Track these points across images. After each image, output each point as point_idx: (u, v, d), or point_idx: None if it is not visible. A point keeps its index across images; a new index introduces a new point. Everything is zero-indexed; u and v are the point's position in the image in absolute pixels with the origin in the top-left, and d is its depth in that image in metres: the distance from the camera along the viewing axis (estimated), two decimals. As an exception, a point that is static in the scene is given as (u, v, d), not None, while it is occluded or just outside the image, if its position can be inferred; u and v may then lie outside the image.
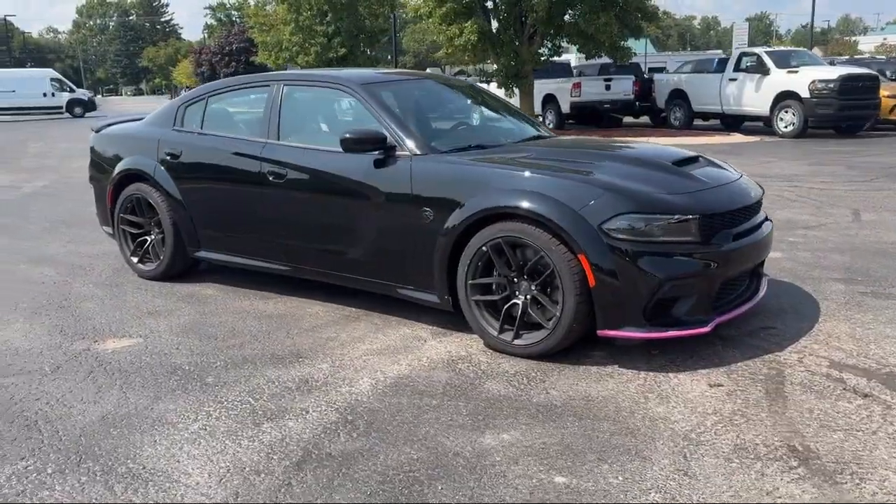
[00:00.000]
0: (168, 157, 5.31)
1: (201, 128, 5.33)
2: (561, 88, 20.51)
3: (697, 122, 19.89)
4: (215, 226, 5.20)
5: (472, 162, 4.15)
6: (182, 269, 5.56)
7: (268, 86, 5.05)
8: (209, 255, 5.32)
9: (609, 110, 20.89)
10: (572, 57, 27.19)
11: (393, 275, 4.37)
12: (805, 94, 16.26)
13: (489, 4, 19.20)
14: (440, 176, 4.12)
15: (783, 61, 17.50)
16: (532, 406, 3.31)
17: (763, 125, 18.18)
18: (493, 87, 22.31)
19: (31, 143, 20.27)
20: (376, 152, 4.30)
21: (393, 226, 4.26)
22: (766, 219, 4.32)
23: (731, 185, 4.12)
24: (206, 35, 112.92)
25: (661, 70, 25.30)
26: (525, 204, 3.71)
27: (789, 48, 23.84)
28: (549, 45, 19.84)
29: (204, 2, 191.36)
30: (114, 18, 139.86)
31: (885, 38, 76.17)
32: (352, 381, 3.65)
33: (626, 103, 21.00)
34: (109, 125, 6.07)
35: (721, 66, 18.95)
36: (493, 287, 3.95)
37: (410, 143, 4.29)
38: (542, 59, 19.63)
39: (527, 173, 3.90)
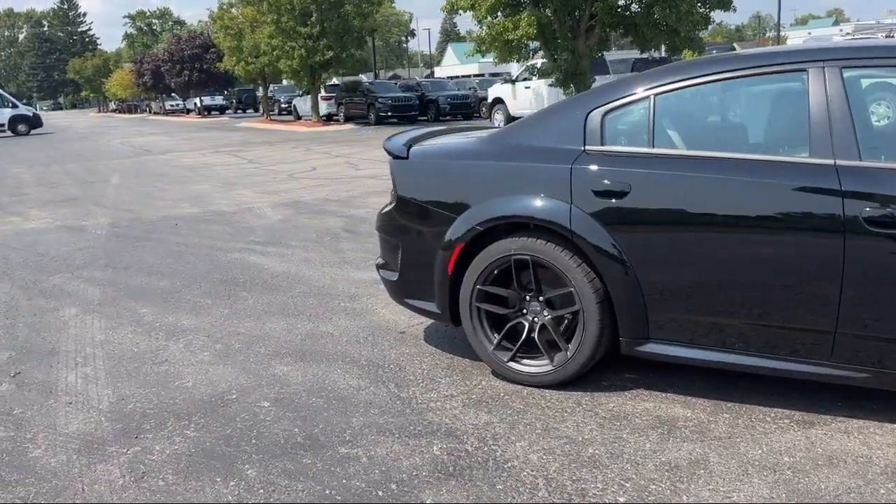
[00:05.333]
0: (598, 196, 3.25)
1: (652, 145, 3.29)
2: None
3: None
4: (697, 304, 3.16)
5: None
6: (586, 371, 3.51)
7: (798, 69, 3.05)
8: (668, 350, 3.28)
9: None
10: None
11: None
12: (903, 83, 14.98)
13: (537, -6, 17.33)
14: None
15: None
16: None
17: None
18: (531, 86, 20.55)
19: (12, 169, 17.32)
20: None
21: None
22: None
23: None
24: (125, 44, 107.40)
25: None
26: None
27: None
28: (598, 39, 18.12)
29: (119, 11, 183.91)
30: (24, 30, 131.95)
31: (809, 33, 77.99)
32: None
33: None
34: (414, 140, 3.93)
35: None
36: None
37: None
38: (598, 55, 17.90)
39: None
